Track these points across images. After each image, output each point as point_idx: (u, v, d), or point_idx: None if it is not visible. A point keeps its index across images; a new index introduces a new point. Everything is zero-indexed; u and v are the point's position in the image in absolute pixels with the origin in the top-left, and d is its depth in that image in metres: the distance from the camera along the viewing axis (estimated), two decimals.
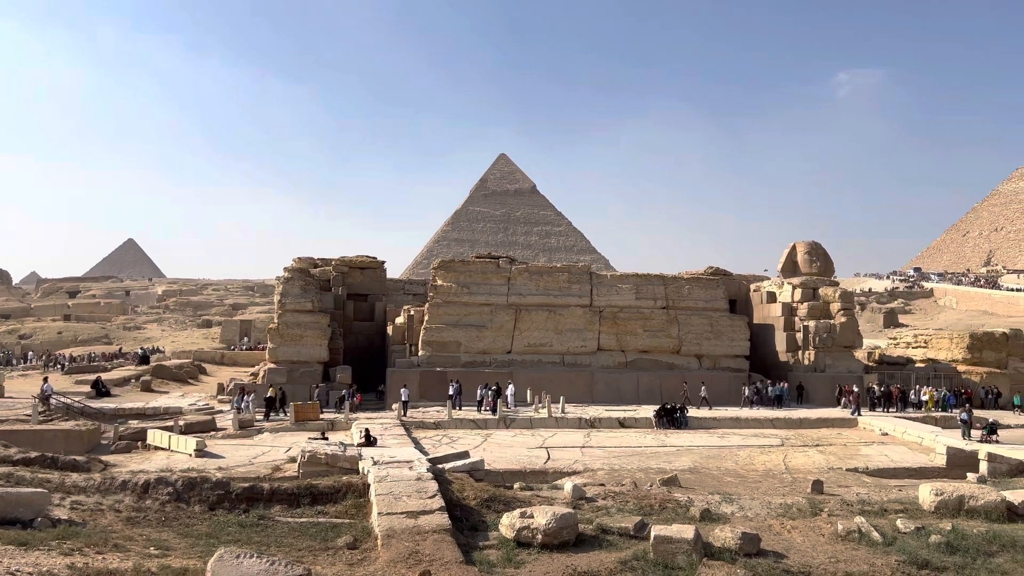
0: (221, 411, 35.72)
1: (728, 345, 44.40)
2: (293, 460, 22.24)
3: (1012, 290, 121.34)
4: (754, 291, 51.59)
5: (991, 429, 30.54)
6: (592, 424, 34.51)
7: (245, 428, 31.03)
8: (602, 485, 20.58)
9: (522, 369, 41.66)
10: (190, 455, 25.06)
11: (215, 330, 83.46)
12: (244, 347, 69.51)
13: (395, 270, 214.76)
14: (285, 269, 43.74)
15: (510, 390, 37.42)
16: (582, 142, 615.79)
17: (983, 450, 26.62)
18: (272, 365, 40.10)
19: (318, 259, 49.25)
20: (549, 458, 26.56)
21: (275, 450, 26.39)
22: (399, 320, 44.28)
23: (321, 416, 33.38)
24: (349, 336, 46.32)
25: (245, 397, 35.19)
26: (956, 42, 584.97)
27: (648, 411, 36.01)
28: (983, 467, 25.59)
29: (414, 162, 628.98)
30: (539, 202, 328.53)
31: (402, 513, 15.29)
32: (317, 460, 20.36)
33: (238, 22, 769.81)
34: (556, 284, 43.77)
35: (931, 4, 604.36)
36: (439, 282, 43.09)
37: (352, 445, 23.80)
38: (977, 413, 35.51)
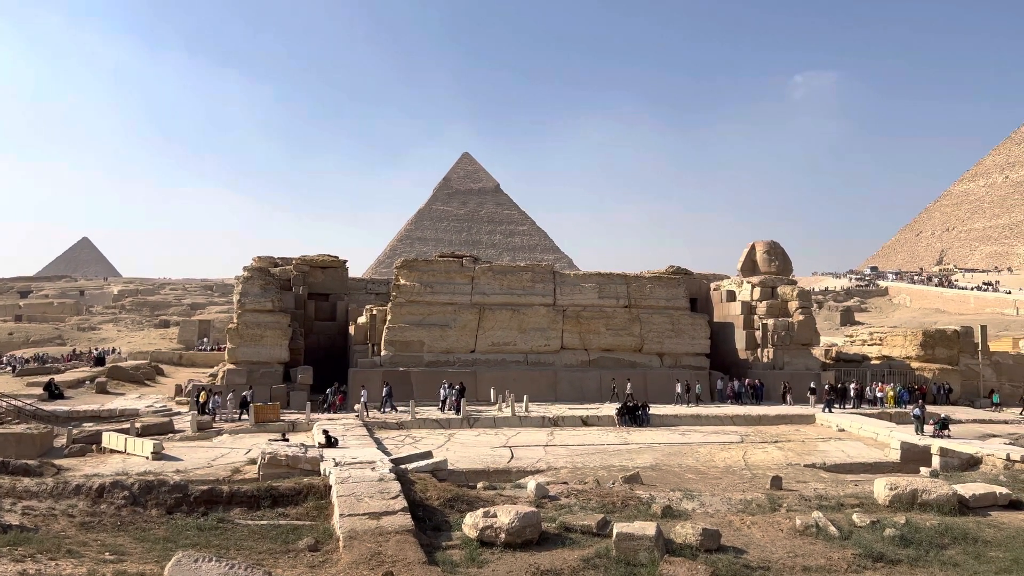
0: (179, 413, 35.11)
1: (689, 343, 44.87)
2: (253, 462, 21.94)
3: (963, 288, 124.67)
4: (714, 290, 52.23)
5: (943, 424, 31.29)
6: (555, 423, 34.62)
7: (204, 430, 30.54)
8: (565, 483, 20.65)
9: (486, 368, 41.63)
10: (147, 458, 24.59)
11: (173, 330, 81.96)
12: (205, 348, 68.37)
13: (357, 269, 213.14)
14: (244, 268, 43.10)
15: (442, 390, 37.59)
16: (544, 141, 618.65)
17: (935, 445, 27.30)
18: (231, 366, 39.50)
19: (278, 258, 48.64)
20: (513, 457, 26.59)
21: (235, 452, 26.00)
22: (361, 320, 43.95)
23: (282, 417, 33.00)
24: (310, 336, 45.84)
25: (218, 397, 34.65)
26: (907, 46, 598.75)
27: (611, 409, 36.24)
28: (935, 461, 26.24)
29: (376, 161, 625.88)
30: (503, 201, 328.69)
31: (364, 514, 15.19)
32: (278, 462, 20.12)
33: (195, 16, 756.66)
34: (520, 283, 43.82)
35: (884, 9, 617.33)
36: (402, 281, 42.87)
37: (313, 447, 23.57)
38: (930, 409, 36.39)
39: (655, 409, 36.80)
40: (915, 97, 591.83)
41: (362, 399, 35.14)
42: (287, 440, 26.57)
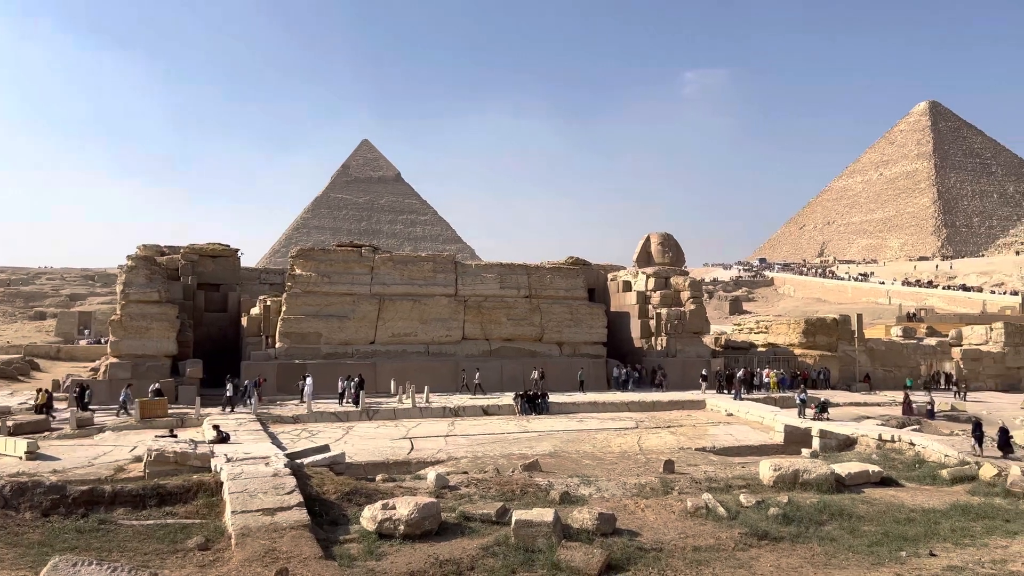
0: (57, 410, 33.09)
1: (587, 332, 45.76)
2: (139, 460, 20.93)
3: (842, 279, 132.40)
4: (611, 280, 53.44)
5: (823, 408, 33.16)
6: (456, 413, 34.64)
7: (84, 427, 28.88)
8: (465, 473, 20.71)
9: (386, 360, 41.18)
10: (20, 458, 23.05)
11: (50, 322, 77.06)
12: (89, 341, 64.62)
13: (251, 259, 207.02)
14: (129, 257, 40.91)
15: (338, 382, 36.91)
16: (444, 131, 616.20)
17: (816, 427, 28.90)
18: (114, 360, 37.51)
19: (165, 247, 46.48)
20: (413, 448, 26.44)
21: (118, 450, 24.74)
22: (255, 311, 42.60)
23: (170, 413, 31.62)
24: (200, 328, 44.04)
25: (127, 390, 32.77)
26: (794, 45, 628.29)
27: (511, 398, 36.56)
28: (816, 443, 27.80)
29: (271, 147, 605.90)
30: (404, 190, 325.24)
31: (258, 511, 14.78)
32: (165, 459, 19.29)
33: None
34: (421, 273, 43.51)
35: (773, 9, 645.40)
36: (298, 271, 41.79)
37: (204, 442, 22.72)
38: (811, 393, 38.47)
39: (555, 397, 37.42)
40: (801, 94, 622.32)
41: (251, 391, 34.07)
42: (175, 436, 25.54)
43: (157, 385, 34.08)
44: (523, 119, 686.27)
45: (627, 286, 51.48)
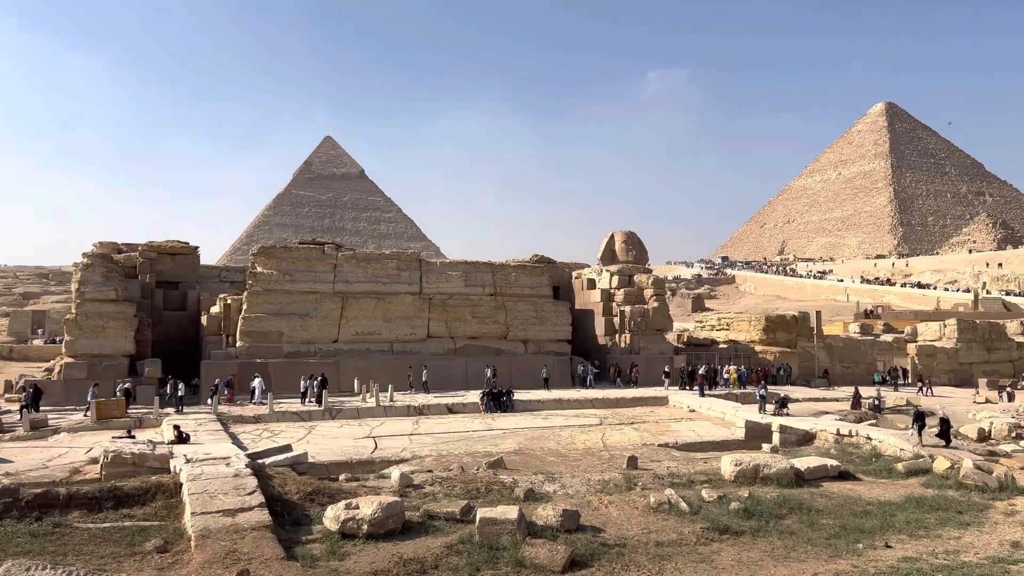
0: (8, 411, 32.25)
1: (552, 330, 45.88)
2: (95, 461, 20.51)
3: (802, 276, 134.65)
4: (576, 278, 53.66)
5: (782, 403, 33.69)
6: (421, 411, 34.48)
7: (38, 428, 28.18)
8: (430, 471, 20.64)
9: (349, 358, 40.82)
10: None
11: (2, 322, 75.04)
12: (44, 340, 63.02)
13: (211, 256, 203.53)
14: (84, 255, 40.00)
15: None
16: (409, 128, 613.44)
17: (776, 422, 29.37)
18: (70, 360, 36.65)
19: (123, 244, 45.50)
20: (376, 447, 26.27)
21: (74, 451, 24.19)
22: (215, 309, 41.93)
23: (128, 413, 30.99)
24: (159, 327, 43.23)
25: (93, 389, 31.98)
26: (755, 47, 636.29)
27: (476, 396, 36.53)
28: (776, 438, 28.24)
29: (232, 143, 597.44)
30: (368, 187, 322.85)
31: (218, 512, 14.57)
32: (123, 460, 18.91)
33: None
34: (385, 271, 43.21)
35: (734, 11, 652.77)
36: (259, 269, 41.21)
37: (163, 443, 22.33)
38: (771, 389, 39.06)
39: (520, 394, 37.46)
40: (762, 94, 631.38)
41: (213, 391, 33.59)
42: (133, 437, 25.03)
43: (127, 384, 33.44)
44: (489, 117, 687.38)
45: (591, 284, 51.74)
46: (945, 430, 24.84)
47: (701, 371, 42.93)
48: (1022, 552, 14.17)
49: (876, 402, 36.41)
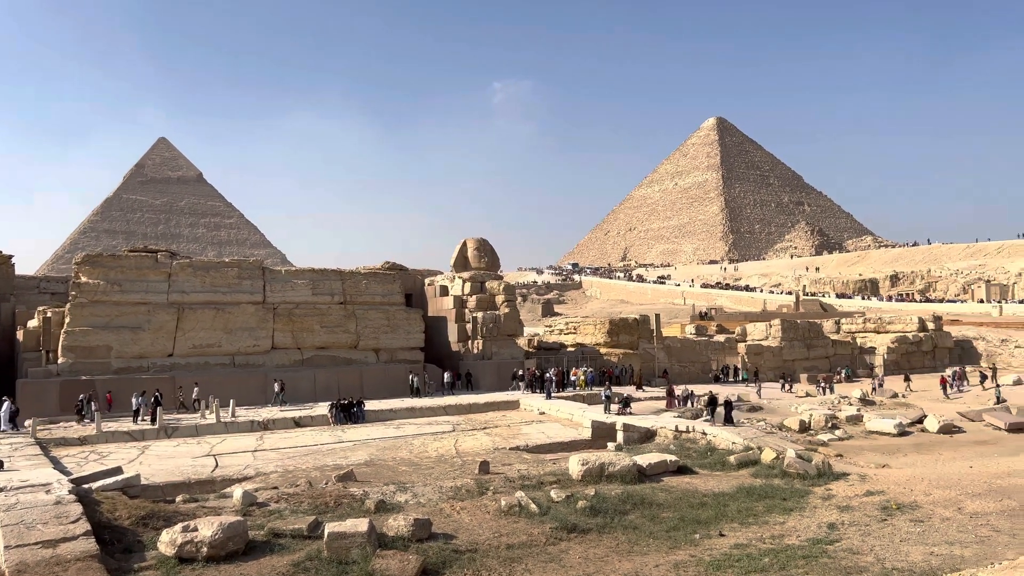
0: None
1: (405, 338, 45.47)
2: None
3: (644, 281, 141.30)
4: (429, 285, 53.53)
5: (626, 403, 35.09)
6: (266, 426, 33.13)
7: None
8: (275, 488, 19.88)
9: (186, 373, 38.55)
10: None
11: None
12: None
13: (29, 266, 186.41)
14: None
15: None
16: (251, 131, 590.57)
17: (619, 421, 30.55)
18: None
19: None
20: (217, 466, 24.96)
21: None
22: (32, 323, 38.39)
23: None
24: None
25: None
26: (595, 56, 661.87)
27: (325, 408, 35.56)
28: (620, 436, 29.36)
29: (52, 143, 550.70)
30: (206, 192, 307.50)
31: (37, 543, 13.35)
32: None
33: None
34: (225, 280, 41.19)
35: (573, 22, 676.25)
36: (84, 279, 38.14)
37: None
38: (616, 389, 40.60)
39: (371, 404, 36.83)
40: (601, 107, 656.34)
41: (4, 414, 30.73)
42: None
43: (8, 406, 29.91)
44: (335, 120, 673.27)
45: (444, 291, 51.79)
46: (728, 413, 29.31)
47: (550, 374, 43.96)
48: (837, 533, 15.52)
49: (686, 396, 38.36)
